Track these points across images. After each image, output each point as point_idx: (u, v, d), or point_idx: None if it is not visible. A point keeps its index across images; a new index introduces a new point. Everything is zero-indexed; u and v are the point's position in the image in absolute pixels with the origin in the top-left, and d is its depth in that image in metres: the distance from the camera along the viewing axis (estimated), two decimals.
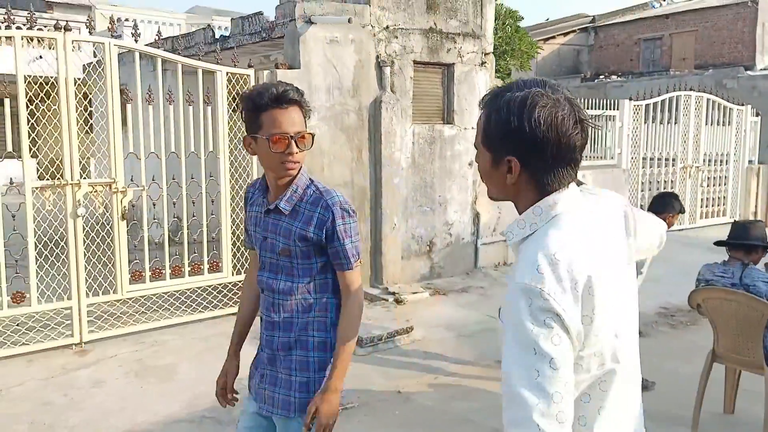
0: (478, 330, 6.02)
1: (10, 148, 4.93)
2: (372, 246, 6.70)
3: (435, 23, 6.93)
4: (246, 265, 5.64)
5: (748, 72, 16.53)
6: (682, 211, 4.62)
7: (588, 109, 8.88)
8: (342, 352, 2.09)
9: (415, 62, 6.83)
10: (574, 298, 1.30)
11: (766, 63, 23.63)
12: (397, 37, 6.66)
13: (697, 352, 4.72)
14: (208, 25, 7.60)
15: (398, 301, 6.42)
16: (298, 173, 2.11)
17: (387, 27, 6.58)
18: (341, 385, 2.09)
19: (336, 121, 6.33)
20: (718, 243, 4.21)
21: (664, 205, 4.52)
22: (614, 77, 20.52)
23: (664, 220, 4.10)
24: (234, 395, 2.40)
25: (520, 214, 1.46)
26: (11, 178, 5.09)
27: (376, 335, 5.52)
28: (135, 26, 5.44)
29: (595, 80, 20.67)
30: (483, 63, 7.33)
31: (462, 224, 7.44)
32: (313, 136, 2.11)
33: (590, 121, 1.41)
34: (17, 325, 5.19)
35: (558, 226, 1.37)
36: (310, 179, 2.15)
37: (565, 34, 26.32)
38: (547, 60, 26.34)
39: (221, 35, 7.31)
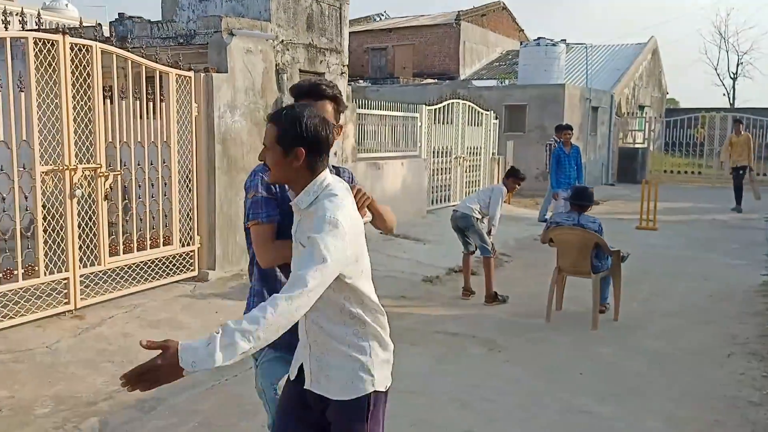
0: None
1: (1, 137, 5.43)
2: None
3: (312, 40, 8.59)
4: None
5: (475, 83, 20.69)
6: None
7: (396, 111, 11.26)
8: None
9: (300, 70, 8.42)
10: None
11: (467, 74, 29.00)
12: (288, 50, 8.18)
13: (541, 275, 7.31)
14: (100, 24, 8.10)
15: None
16: None
17: (282, 41, 8.07)
18: None
19: (252, 116, 7.65)
20: (566, 199, 6.81)
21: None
22: (368, 82, 23.51)
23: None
24: None
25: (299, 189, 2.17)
26: (1, 165, 5.54)
27: None
28: (21, 13, 6.09)
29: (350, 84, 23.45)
30: (342, 72, 9.19)
31: None
32: None
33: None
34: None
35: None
36: None
37: None
38: None
39: (120, 35, 7.96)
